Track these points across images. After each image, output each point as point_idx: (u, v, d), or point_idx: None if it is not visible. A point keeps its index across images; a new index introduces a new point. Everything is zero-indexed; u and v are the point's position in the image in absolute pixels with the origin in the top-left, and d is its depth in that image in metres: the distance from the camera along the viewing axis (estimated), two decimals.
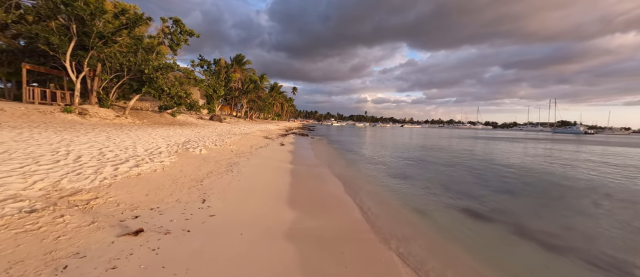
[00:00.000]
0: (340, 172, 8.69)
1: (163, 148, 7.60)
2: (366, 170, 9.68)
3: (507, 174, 9.66)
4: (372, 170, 9.77)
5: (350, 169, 9.65)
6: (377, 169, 10.03)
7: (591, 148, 23.31)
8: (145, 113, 21.89)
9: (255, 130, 22.42)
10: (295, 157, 10.65)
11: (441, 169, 10.44)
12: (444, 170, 10.20)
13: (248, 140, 13.76)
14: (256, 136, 16.80)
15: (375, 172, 9.36)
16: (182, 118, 24.76)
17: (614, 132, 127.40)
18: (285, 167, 8.40)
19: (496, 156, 14.99)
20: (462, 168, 10.62)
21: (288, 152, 12.25)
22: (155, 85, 16.01)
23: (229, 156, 8.29)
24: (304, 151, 13.74)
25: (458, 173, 9.61)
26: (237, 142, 11.82)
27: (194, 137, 11.63)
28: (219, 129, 19.72)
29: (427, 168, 10.50)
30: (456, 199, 6.20)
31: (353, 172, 9.23)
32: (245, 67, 50.03)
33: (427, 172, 9.62)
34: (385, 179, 8.22)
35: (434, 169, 10.40)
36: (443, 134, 55.43)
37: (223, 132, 16.54)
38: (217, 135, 13.85)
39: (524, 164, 12.07)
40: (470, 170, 10.23)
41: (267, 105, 55.34)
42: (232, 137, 13.68)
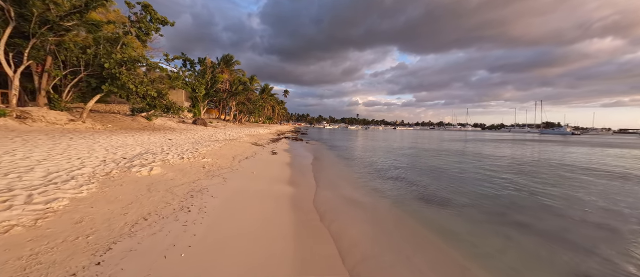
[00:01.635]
0: (368, 204, 6.07)
1: (87, 169, 4.91)
2: (398, 193, 7.08)
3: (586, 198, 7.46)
4: (401, 191, 7.34)
5: (381, 197, 6.52)
6: (410, 190, 7.61)
7: (599, 150, 21.77)
8: (114, 117, 18.84)
9: (243, 136, 19.70)
10: (294, 173, 8.09)
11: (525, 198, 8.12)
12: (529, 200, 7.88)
13: (231, 148, 11.11)
14: (243, 143, 14.15)
15: (408, 195, 6.93)
16: (159, 122, 21.78)
17: (598, 132, 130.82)
18: (280, 193, 5.84)
19: (537, 170, 12.89)
20: (519, 188, 8.38)
21: (283, 164, 9.68)
22: (118, 83, 13.16)
23: (196, 177, 5.67)
24: (302, 162, 11.19)
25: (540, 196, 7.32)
26: (215, 152, 9.18)
27: (159, 147, 8.92)
28: (200, 134, 16.92)
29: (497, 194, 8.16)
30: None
31: (386, 202, 6.67)
32: (234, 68, 47.19)
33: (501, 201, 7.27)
34: (445, 218, 5.79)
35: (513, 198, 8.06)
36: (438, 136, 53.95)
37: (203, 139, 13.81)
38: (193, 143, 11.15)
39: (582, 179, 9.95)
40: (521, 187, 7.98)
41: (258, 109, 52.43)
42: (212, 145, 11.01)
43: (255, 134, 24.10)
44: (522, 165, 12.23)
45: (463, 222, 4.84)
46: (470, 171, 10.38)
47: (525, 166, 11.87)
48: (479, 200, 6.27)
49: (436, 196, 6.51)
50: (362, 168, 10.52)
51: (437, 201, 6.08)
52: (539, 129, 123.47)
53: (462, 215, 5.21)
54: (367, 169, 10.23)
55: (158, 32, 15.14)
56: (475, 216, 5.16)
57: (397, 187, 7.35)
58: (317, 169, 9.55)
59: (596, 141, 46.31)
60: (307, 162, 11.18)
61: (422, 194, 6.65)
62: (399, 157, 14.68)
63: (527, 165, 12.30)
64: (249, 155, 10.25)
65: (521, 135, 73.27)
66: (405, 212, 5.18)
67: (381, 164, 11.65)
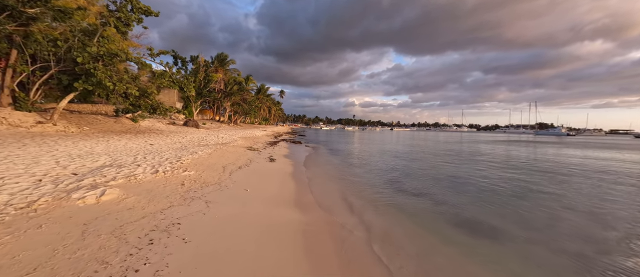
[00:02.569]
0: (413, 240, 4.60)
1: (1, 196, 3.37)
2: (441, 224, 5.53)
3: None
4: (441, 216, 5.92)
5: (418, 225, 4.82)
6: (452, 213, 6.19)
7: (609, 154, 20.77)
8: (94, 118, 17.10)
9: (237, 138, 18.14)
10: (299, 189, 6.55)
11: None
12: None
13: (222, 155, 9.57)
14: (236, 148, 12.61)
15: (450, 220, 5.51)
16: (146, 124, 20.07)
17: (592, 133, 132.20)
18: (285, 222, 4.35)
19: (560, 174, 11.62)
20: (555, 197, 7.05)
21: (283, 175, 8.17)
22: (93, 80, 11.50)
23: (167, 202, 4.15)
24: (306, 171, 9.69)
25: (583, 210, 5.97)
26: (202, 162, 7.64)
27: (132, 156, 7.36)
28: (189, 138, 15.32)
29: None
30: None
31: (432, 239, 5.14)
32: (228, 67, 45.46)
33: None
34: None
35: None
36: (436, 137, 52.94)
37: (191, 143, 12.23)
38: (178, 150, 9.59)
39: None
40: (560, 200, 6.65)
41: (254, 109, 50.72)
42: (200, 151, 9.46)
43: (250, 136, 22.53)
44: (556, 173, 10.96)
45: (532, 266, 3.44)
46: (503, 183, 9.04)
47: (562, 175, 10.59)
48: (539, 232, 4.88)
49: (494, 227, 5.11)
50: (375, 177, 9.09)
51: (497, 233, 4.67)
52: (533, 130, 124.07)
53: (524, 252, 3.82)
54: (381, 179, 8.80)
55: (140, 23, 13.49)
56: (544, 257, 3.76)
57: (433, 212, 5.92)
58: (326, 182, 8.07)
59: (596, 141, 45.92)
60: (312, 171, 9.68)
61: (469, 221, 5.24)
62: (410, 162, 13.31)
63: (561, 174, 11.02)
64: (243, 163, 8.72)
65: (516, 136, 73.08)
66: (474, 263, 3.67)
67: (394, 172, 10.24)
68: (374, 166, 11.65)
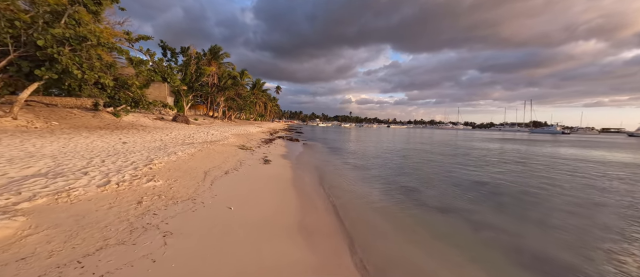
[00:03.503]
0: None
1: None
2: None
3: None
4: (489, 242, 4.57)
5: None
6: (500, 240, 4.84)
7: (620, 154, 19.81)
8: (68, 112, 15.37)
9: (229, 135, 16.60)
10: (302, 204, 5.06)
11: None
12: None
13: (207, 156, 8.08)
14: (226, 146, 11.10)
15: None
16: (130, 119, 18.40)
17: (586, 131, 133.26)
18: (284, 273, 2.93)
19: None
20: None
21: (281, 182, 6.72)
22: (58, 67, 9.85)
23: (89, 244, 2.68)
24: (308, 177, 8.23)
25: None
26: (179, 165, 6.16)
27: (87, 159, 5.84)
28: (174, 134, 13.74)
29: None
30: None
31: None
32: (222, 61, 43.54)
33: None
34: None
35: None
36: (434, 135, 51.90)
37: (173, 141, 10.69)
38: (154, 150, 8.07)
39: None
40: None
41: (249, 105, 48.86)
42: (181, 151, 7.96)
43: (244, 133, 20.97)
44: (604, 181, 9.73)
45: None
46: (537, 190, 7.76)
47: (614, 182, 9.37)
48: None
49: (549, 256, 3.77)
50: (389, 185, 7.72)
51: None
52: (528, 128, 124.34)
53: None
54: (396, 186, 7.43)
55: (116, 2, 11.77)
56: None
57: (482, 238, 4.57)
58: (338, 193, 6.65)
59: (594, 140, 45.44)
60: (316, 177, 8.22)
61: (542, 257, 3.90)
62: (424, 165, 11.98)
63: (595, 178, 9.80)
64: (231, 167, 7.25)
65: (511, 134, 72.77)
66: None
67: (406, 177, 8.88)
68: (386, 170, 10.29)
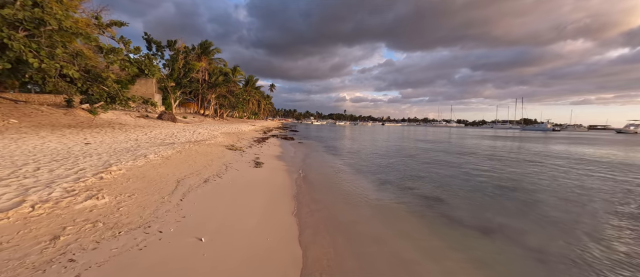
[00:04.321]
0: None
1: None
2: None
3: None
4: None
5: None
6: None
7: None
8: (35, 109, 13.68)
9: (218, 134, 15.17)
10: (311, 236, 3.84)
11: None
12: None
13: (187, 158, 6.72)
14: (212, 147, 9.72)
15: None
16: (108, 117, 16.75)
17: (575, 129, 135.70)
18: None
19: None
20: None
21: (276, 192, 5.41)
22: (10, 55, 8.29)
23: None
24: (309, 186, 6.94)
25: None
26: (144, 172, 4.80)
27: (18, 166, 4.44)
28: (154, 133, 12.26)
29: None
30: None
31: None
32: (213, 56, 41.74)
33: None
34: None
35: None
36: (430, 132, 51.21)
37: (150, 141, 9.26)
38: (121, 152, 6.66)
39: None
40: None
41: (241, 102, 47.15)
42: (155, 153, 6.58)
43: (235, 132, 19.52)
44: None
45: None
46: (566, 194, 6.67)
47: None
48: None
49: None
50: (408, 195, 6.51)
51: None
52: (519, 125, 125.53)
53: None
54: (415, 195, 6.24)
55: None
56: None
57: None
58: (346, 207, 5.39)
59: (586, 137, 45.45)
60: (317, 184, 6.93)
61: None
62: (431, 164, 10.85)
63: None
64: (213, 172, 5.91)
65: (503, 131, 73.07)
66: None
67: (420, 182, 7.70)
68: (395, 173, 9.10)
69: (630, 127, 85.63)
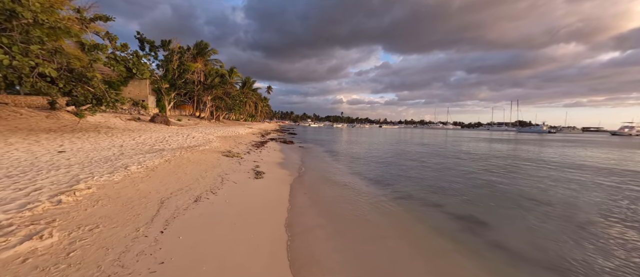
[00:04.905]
0: None
1: None
2: None
3: None
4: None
5: None
6: None
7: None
8: (13, 111, 12.58)
9: (214, 138, 14.19)
10: None
11: None
12: None
13: (177, 168, 5.77)
14: (208, 153, 8.76)
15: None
16: (96, 120, 15.68)
17: (570, 131, 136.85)
18: None
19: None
20: None
21: (288, 217, 4.52)
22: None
23: None
24: (323, 202, 6.03)
25: None
26: (119, 190, 3.85)
27: None
28: (143, 138, 11.25)
29: None
30: None
31: None
32: (209, 58, 40.72)
33: None
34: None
35: None
36: (429, 134, 50.63)
37: (137, 148, 8.27)
38: (99, 162, 5.69)
39: None
40: None
41: (238, 104, 46.06)
42: (140, 162, 5.63)
43: (231, 135, 18.53)
44: None
45: None
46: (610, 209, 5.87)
47: None
48: None
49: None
50: (437, 214, 5.64)
51: None
52: (515, 128, 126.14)
53: None
54: (447, 214, 5.37)
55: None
56: None
57: None
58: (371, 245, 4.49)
59: (584, 139, 45.32)
60: (331, 199, 6.02)
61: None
62: (447, 171, 10.02)
63: None
64: (206, 188, 4.97)
65: (499, 134, 73.15)
66: None
67: (447, 196, 6.84)
68: (411, 183, 8.23)
69: (624, 129, 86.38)
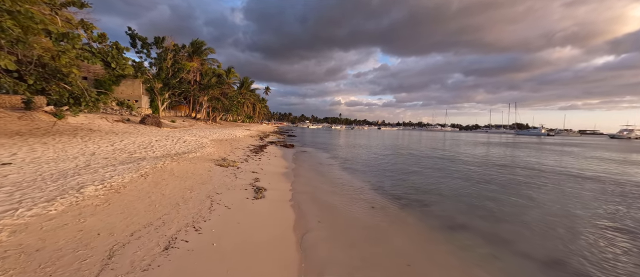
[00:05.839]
0: None
1: None
2: None
3: None
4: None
5: None
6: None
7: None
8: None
9: (208, 142, 12.79)
10: None
11: None
12: None
13: (152, 188, 4.40)
14: (198, 161, 7.39)
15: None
16: (80, 121, 14.25)
17: (569, 133, 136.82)
18: None
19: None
20: None
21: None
22: None
23: None
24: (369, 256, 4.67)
25: None
26: (44, 235, 2.50)
27: None
28: (124, 143, 9.84)
29: None
30: None
31: None
32: (206, 57, 39.30)
33: None
34: None
35: None
36: (428, 137, 49.50)
37: (110, 158, 6.87)
38: (51, 180, 4.30)
39: None
40: None
41: (235, 105, 44.57)
42: (104, 181, 4.27)
43: (228, 138, 17.13)
44: None
45: None
46: None
47: None
48: None
49: None
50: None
51: None
52: (513, 130, 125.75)
53: None
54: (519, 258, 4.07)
55: None
56: None
57: None
58: None
59: (589, 142, 44.48)
60: (354, 231, 4.70)
61: None
62: (477, 184, 8.72)
63: None
64: (187, 219, 3.60)
65: (498, 136, 72.52)
66: None
67: (499, 222, 5.53)
68: (451, 202, 6.91)
69: (623, 132, 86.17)
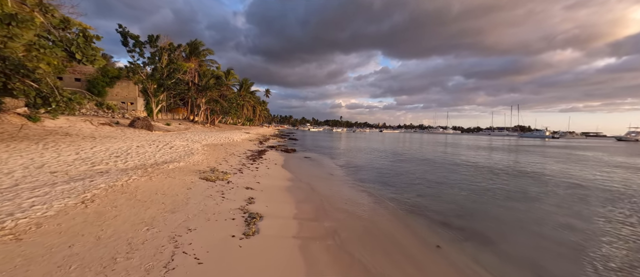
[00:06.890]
0: None
1: None
2: None
3: None
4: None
5: None
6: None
7: None
8: None
9: (199, 147, 11.29)
10: None
11: None
12: None
13: (83, 227, 2.90)
14: (176, 175, 5.89)
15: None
16: (59, 124, 12.76)
17: (573, 136, 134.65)
18: None
19: None
20: None
21: None
22: None
23: None
24: None
25: None
26: None
27: None
28: (93, 151, 8.32)
29: None
30: None
31: None
32: (204, 58, 38.01)
33: None
34: None
35: None
36: (430, 139, 47.79)
37: (63, 174, 5.37)
38: None
39: None
40: None
41: (234, 108, 43.14)
42: (9, 214, 2.78)
43: (224, 143, 15.63)
44: None
45: None
46: None
47: None
48: None
49: None
50: None
51: None
52: (516, 133, 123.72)
53: None
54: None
55: None
56: None
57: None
58: None
59: (600, 145, 42.71)
60: None
61: None
62: (516, 200, 7.16)
63: None
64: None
65: (501, 139, 70.98)
66: None
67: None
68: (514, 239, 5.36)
69: (631, 134, 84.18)
